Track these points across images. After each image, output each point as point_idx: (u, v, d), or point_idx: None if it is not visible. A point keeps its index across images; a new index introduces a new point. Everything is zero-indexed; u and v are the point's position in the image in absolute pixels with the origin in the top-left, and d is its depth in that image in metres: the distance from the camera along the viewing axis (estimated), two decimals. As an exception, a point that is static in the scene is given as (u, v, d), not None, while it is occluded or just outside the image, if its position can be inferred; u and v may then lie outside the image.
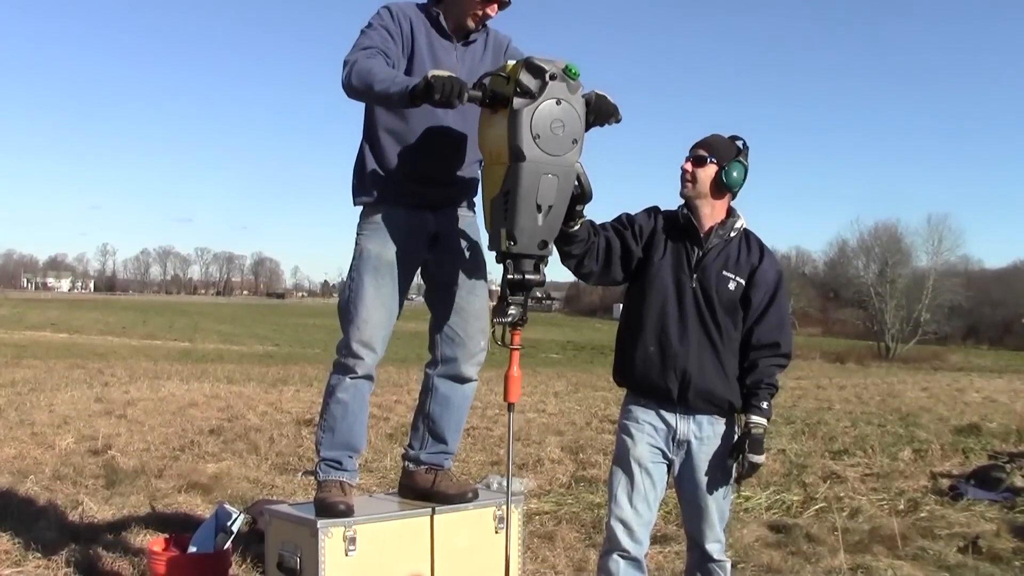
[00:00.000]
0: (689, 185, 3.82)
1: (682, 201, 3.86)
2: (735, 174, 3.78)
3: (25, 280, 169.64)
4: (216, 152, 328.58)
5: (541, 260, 3.41)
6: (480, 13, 3.87)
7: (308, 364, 29.45)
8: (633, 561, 3.83)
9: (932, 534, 6.48)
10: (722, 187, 3.81)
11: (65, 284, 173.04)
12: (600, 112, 3.46)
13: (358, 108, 3.95)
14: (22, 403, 12.82)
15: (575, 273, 3.86)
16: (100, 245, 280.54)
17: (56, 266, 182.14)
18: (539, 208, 3.30)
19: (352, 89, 3.65)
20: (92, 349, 35.55)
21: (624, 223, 3.88)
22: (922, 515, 7.05)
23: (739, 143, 3.80)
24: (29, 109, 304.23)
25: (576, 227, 3.62)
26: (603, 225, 3.85)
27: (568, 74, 3.28)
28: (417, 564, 3.71)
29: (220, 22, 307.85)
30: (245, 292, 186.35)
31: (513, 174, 3.26)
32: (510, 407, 3.49)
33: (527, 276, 3.37)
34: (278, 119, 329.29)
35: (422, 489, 4.05)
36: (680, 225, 3.87)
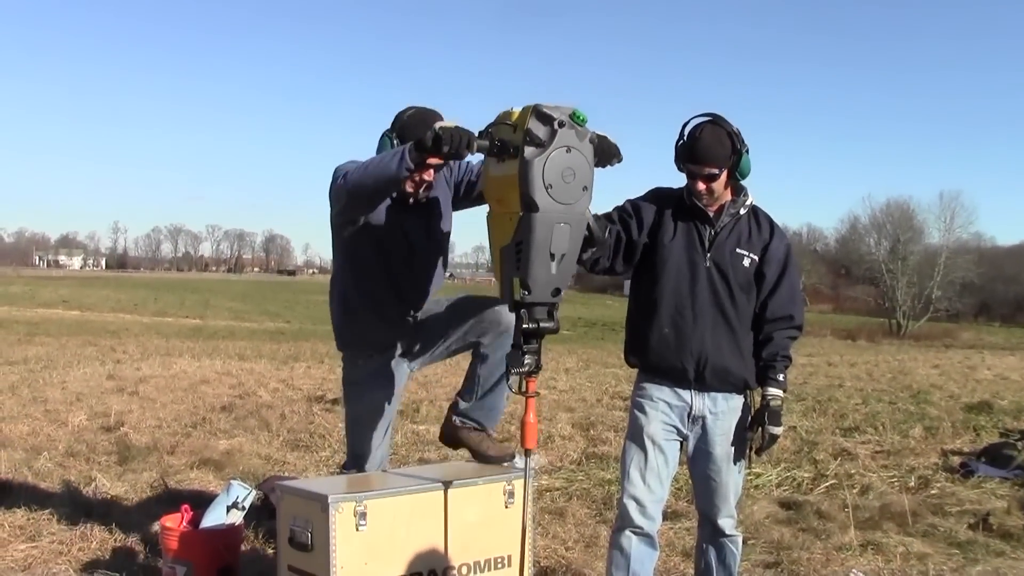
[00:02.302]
0: (707, 198, 3.79)
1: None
2: (745, 167, 3.75)
3: (37, 258, 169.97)
4: (227, 129, 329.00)
5: (554, 307, 3.37)
6: (416, 180, 3.91)
7: (319, 341, 29.50)
8: (645, 537, 3.85)
9: (942, 511, 6.48)
10: (736, 180, 3.80)
11: (77, 262, 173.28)
12: (603, 154, 3.41)
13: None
14: (35, 380, 12.89)
15: (591, 271, 3.84)
16: (111, 223, 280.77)
17: (67, 244, 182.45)
18: (552, 257, 3.26)
19: (348, 193, 3.73)
20: (104, 326, 35.70)
21: (628, 212, 3.87)
22: (933, 492, 7.05)
23: (728, 129, 3.71)
24: (39, 87, 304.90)
25: (586, 255, 3.61)
26: (608, 217, 3.83)
27: (576, 120, 3.23)
28: (428, 538, 3.73)
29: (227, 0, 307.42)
30: (256, 269, 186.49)
31: (526, 225, 3.21)
32: (527, 453, 3.48)
33: (542, 324, 3.33)
34: (289, 96, 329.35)
35: (464, 444, 4.19)
36: (687, 205, 3.85)
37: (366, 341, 4.20)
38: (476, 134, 3.34)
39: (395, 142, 3.82)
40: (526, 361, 3.33)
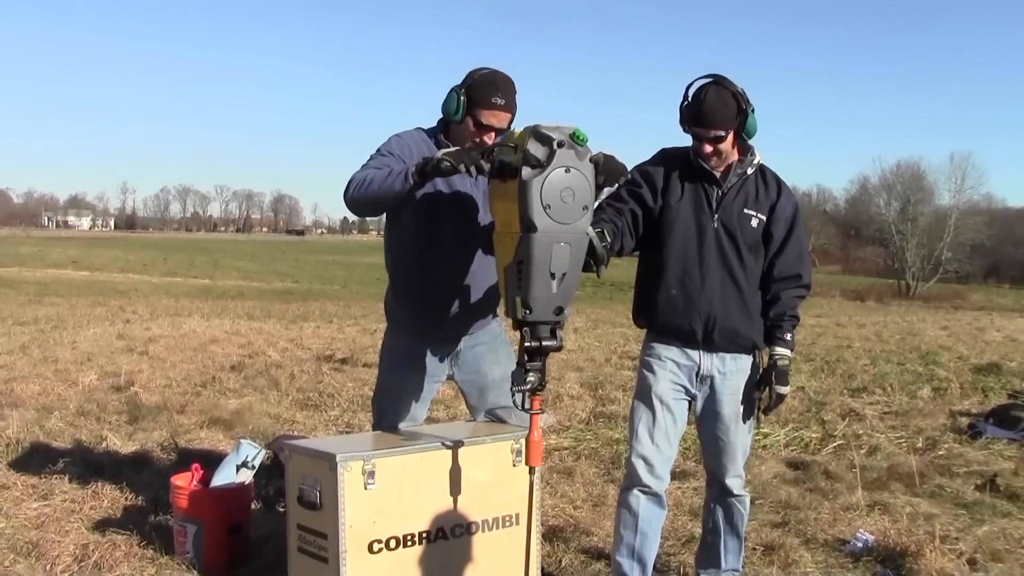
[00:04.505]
0: (715, 160, 3.76)
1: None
2: (751, 127, 3.71)
3: (46, 218, 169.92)
4: (236, 89, 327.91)
5: (557, 325, 3.39)
6: (478, 142, 3.80)
7: (328, 300, 29.63)
8: (653, 496, 3.86)
9: (950, 472, 6.49)
10: (743, 140, 3.77)
11: (86, 222, 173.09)
12: (609, 173, 3.40)
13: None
14: (45, 340, 12.94)
15: (620, 256, 3.83)
16: (120, 183, 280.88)
17: (77, 204, 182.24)
18: (552, 276, 3.28)
19: (355, 201, 3.66)
20: (113, 286, 35.80)
21: (638, 182, 3.84)
22: (940, 453, 7.05)
23: (733, 90, 3.66)
24: (47, 48, 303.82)
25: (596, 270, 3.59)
26: (619, 197, 3.81)
27: (576, 140, 3.23)
28: (436, 497, 3.74)
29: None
30: (265, 229, 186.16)
31: (525, 244, 3.23)
32: (531, 471, 3.50)
33: (544, 343, 3.35)
34: (296, 55, 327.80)
35: None
36: (694, 166, 3.82)
37: (409, 313, 4.11)
38: (481, 154, 3.34)
39: (462, 99, 3.76)
40: (529, 379, 3.34)
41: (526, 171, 3.19)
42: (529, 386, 3.35)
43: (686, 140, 3.82)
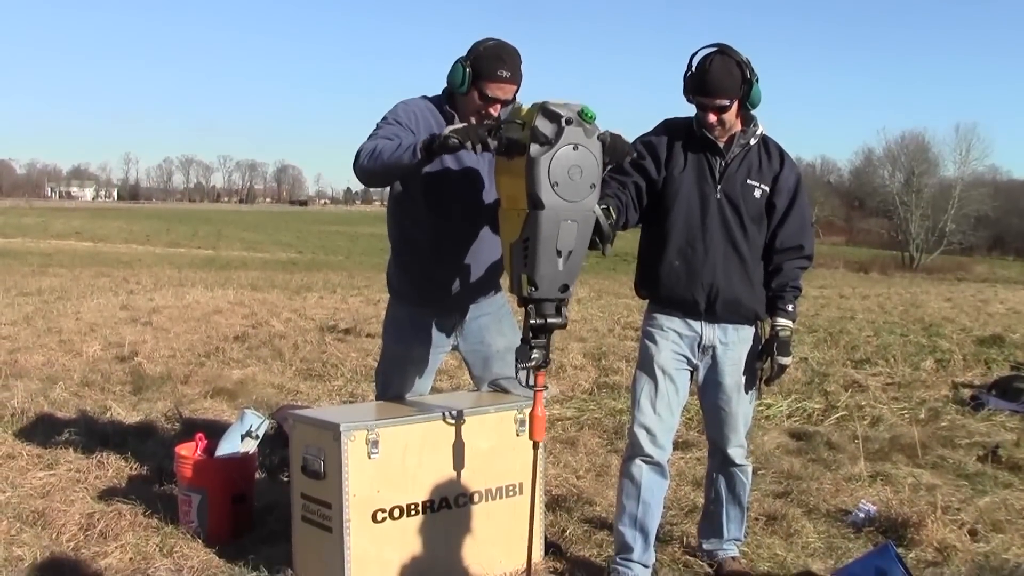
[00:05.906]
0: (719, 130, 3.75)
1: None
2: (755, 97, 3.69)
3: (49, 189, 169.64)
4: (239, 58, 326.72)
5: (562, 303, 3.40)
6: (483, 114, 3.78)
7: (331, 271, 29.59)
8: (656, 466, 3.88)
9: (952, 443, 6.50)
10: (747, 110, 3.75)
11: (89, 193, 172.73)
12: (615, 152, 3.40)
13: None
14: (49, 311, 12.95)
15: (622, 229, 3.82)
16: (123, 154, 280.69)
17: (79, 175, 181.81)
18: (559, 253, 3.29)
19: (364, 171, 3.64)
20: (117, 257, 35.77)
21: (641, 153, 3.83)
22: (943, 424, 7.07)
23: (738, 59, 3.63)
24: (50, 18, 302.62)
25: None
26: (622, 170, 3.79)
27: (584, 118, 3.22)
28: (439, 466, 3.76)
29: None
30: (268, 199, 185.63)
31: (532, 221, 3.23)
32: (535, 446, 3.50)
33: (549, 320, 3.37)
34: (301, 25, 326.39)
35: None
36: (697, 136, 3.81)
37: (413, 284, 4.11)
38: (488, 131, 3.32)
39: (468, 71, 3.73)
40: (534, 356, 3.37)
41: (534, 148, 3.19)
42: (533, 363, 3.37)
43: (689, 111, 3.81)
